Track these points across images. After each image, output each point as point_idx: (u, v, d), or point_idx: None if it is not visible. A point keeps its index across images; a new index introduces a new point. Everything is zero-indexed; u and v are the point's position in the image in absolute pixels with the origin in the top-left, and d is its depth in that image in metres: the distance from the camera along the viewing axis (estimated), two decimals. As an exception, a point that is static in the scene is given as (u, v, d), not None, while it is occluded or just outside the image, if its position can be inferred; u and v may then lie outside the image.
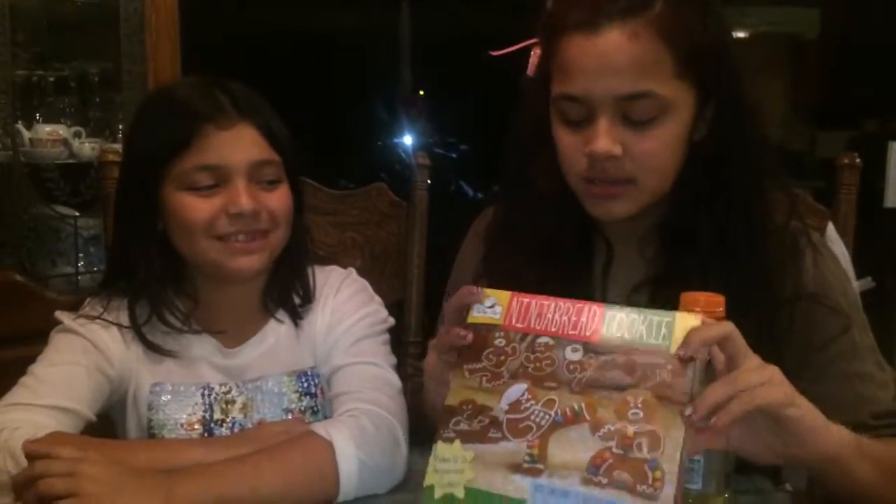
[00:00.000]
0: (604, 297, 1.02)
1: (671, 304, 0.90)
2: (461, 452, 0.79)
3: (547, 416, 0.77)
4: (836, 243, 1.08)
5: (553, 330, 0.80)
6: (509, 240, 1.05)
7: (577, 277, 1.01)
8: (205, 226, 0.98)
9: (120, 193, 1.06)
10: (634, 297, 0.99)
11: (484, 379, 0.80)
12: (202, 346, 1.06)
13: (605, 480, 0.74)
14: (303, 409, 1.06)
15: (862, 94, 3.04)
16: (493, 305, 0.82)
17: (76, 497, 0.79)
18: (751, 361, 0.77)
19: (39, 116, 2.06)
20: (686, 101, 0.91)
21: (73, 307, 1.06)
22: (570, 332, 0.79)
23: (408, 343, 1.34)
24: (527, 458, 0.77)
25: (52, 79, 2.07)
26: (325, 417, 1.04)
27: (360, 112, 3.37)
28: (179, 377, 1.05)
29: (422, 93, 3.55)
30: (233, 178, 0.98)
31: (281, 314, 1.09)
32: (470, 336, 0.81)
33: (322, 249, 1.34)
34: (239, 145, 0.99)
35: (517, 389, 0.78)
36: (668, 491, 0.72)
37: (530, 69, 1.02)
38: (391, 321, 1.13)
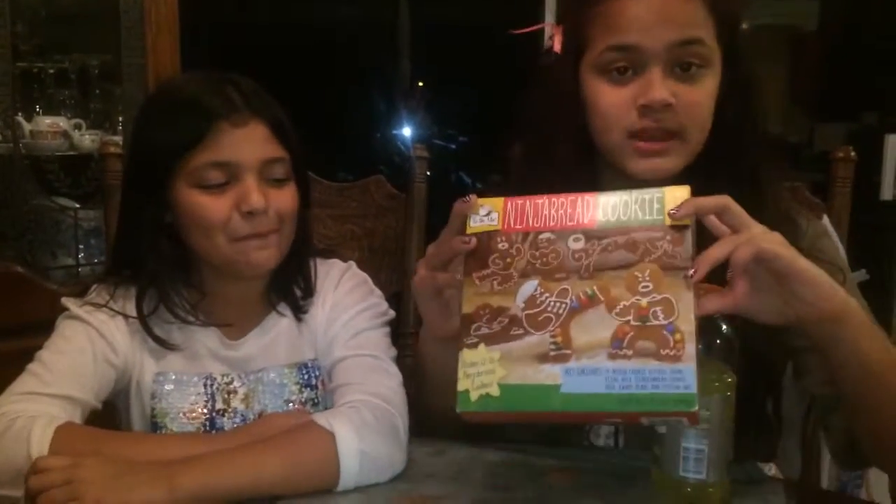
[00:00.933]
0: None
1: None
2: (487, 354, 0.81)
3: (563, 305, 0.80)
4: (830, 235, 1.09)
5: (552, 224, 0.83)
6: None
7: None
8: (220, 225, 0.99)
9: (127, 187, 1.06)
10: None
11: (495, 283, 0.82)
12: (206, 338, 1.07)
13: (630, 352, 0.77)
14: (303, 400, 1.07)
15: (861, 87, 3.05)
16: (489, 213, 0.85)
17: (77, 501, 0.80)
18: (754, 227, 0.79)
19: (40, 108, 2.06)
20: (718, 63, 0.96)
21: (77, 296, 1.06)
22: (569, 224, 0.82)
23: (406, 334, 1.35)
24: (552, 346, 0.79)
25: (52, 71, 2.07)
26: (326, 409, 1.05)
27: (359, 104, 3.37)
28: (182, 367, 1.06)
29: (421, 84, 3.55)
30: (244, 175, 0.99)
31: (283, 307, 1.10)
32: (473, 241, 0.84)
33: (321, 242, 1.35)
34: (251, 143, 0.99)
35: (530, 286, 0.81)
36: (690, 349, 0.75)
37: (556, 46, 1.04)
38: (391, 314, 1.14)
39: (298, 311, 1.09)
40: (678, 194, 0.81)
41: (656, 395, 0.75)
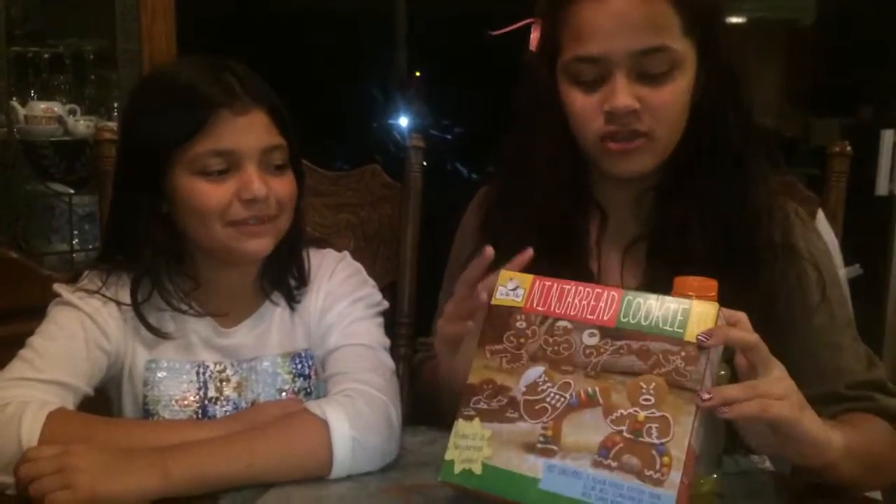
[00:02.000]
0: (598, 261, 1.06)
1: (664, 258, 0.98)
2: (480, 430, 0.82)
3: (562, 399, 0.79)
4: (825, 231, 1.10)
5: (572, 314, 0.82)
6: (506, 209, 1.07)
7: (573, 243, 1.05)
8: (219, 212, 0.98)
9: (121, 175, 1.05)
10: (630, 256, 1.04)
11: (504, 360, 0.83)
12: (199, 326, 1.06)
13: (614, 464, 0.76)
14: (296, 390, 1.07)
15: (857, 82, 3.05)
16: (516, 288, 0.85)
17: (70, 489, 0.80)
18: (773, 371, 0.78)
19: (34, 93, 2.05)
20: (691, 59, 0.96)
21: (70, 282, 1.06)
22: (588, 317, 0.81)
23: (401, 324, 1.35)
24: (541, 438, 0.79)
25: (47, 56, 2.06)
26: (319, 399, 1.04)
27: (355, 93, 3.36)
28: (175, 354, 1.06)
29: (418, 74, 3.54)
30: (244, 163, 0.99)
31: (276, 296, 1.10)
32: (484, 295, 0.84)
33: (316, 230, 1.35)
34: (252, 131, 0.99)
35: (535, 372, 0.81)
36: (675, 477, 0.73)
37: (532, 44, 1.05)
38: (385, 304, 1.14)
39: (292, 301, 1.09)
40: (705, 311, 0.77)
41: None
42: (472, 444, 0.82)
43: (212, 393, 1.05)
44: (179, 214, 1.01)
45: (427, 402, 1.13)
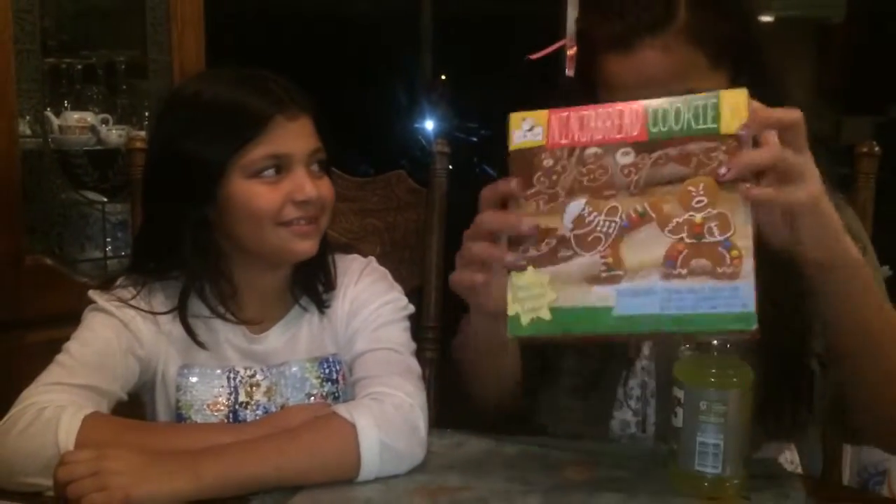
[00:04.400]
0: None
1: None
2: (536, 277, 0.80)
3: (613, 224, 0.77)
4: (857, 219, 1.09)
5: (599, 138, 0.78)
6: None
7: None
8: (273, 213, 1.01)
9: (163, 188, 1.05)
10: None
11: (541, 202, 0.80)
12: (230, 332, 1.08)
13: (684, 271, 0.75)
14: (325, 394, 1.09)
15: (888, 80, 3.00)
16: (533, 127, 0.81)
17: (106, 491, 0.82)
18: (806, 153, 0.77)
19: (68, 104, 2.08)
20: (722, 82, 0.94)
21: (103, 289, 1.07)
22: (617, 136, 0.78)
23: (427, 328, 1.35)
24: (603, 267, 0.77)
25: (79, 67, 2.09)
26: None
27: (381, 98, 3.38)
28: (206, 360, 1.07)
29: (444, 77, 3.55)
30: (295, 166, 1.02)
31: (305, 301, 1.11)
32: (514, 182, 0.81)
33: (342, 236, 1.36)
34: (302, 135, 1.03)
35: (577, 205, 0.79)
36: (747, 266, 0.73)
37: (569, 70, 1.06)
38: (411, 308, 1.15)
39: (321, 305, 1.11)
40: (734, 100, 0.75)
41: (713, 314, 0.73)
42: (532, 293, 0.80)
43: (242, 398, 1.07)
44: (230, 219, 1.03)
45: (460, 383, 1.13)
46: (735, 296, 0.73)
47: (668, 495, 0.87)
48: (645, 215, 0.76)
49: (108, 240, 2.10)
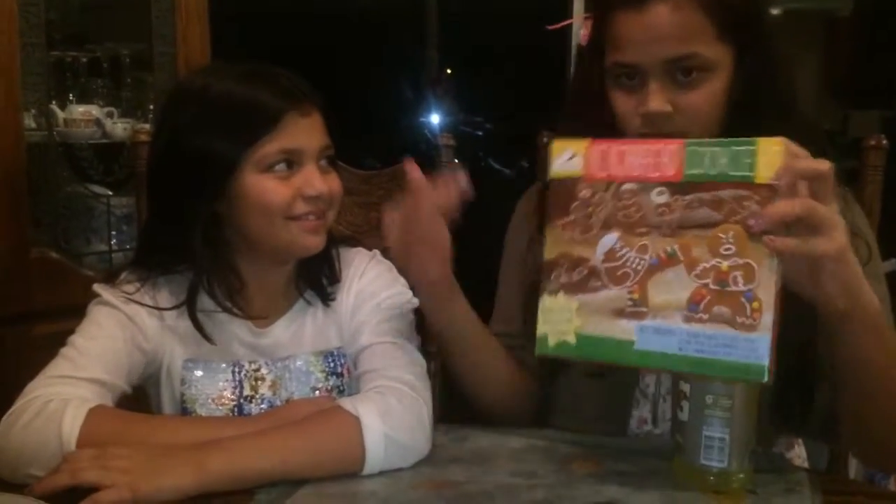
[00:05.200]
0: None
1: None
2: (566, 303, 0.83)
3: (642, 262, 0.79)
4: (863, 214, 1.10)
5: (636, 174, 0.81)
6: None
7: None
8: (283, 207, 1.01)
9: (173, 182, 1.04)
10: None
11: (577, 231, 0.82)
12: (235, 325, 1.08)
13: (705, 316, 0.76)
14: (329, 388, 1.09)
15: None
16: (572, 157, 0.84)
17: (114, 489, 0.82)
18: (832, 205, 0.78)
19: (73, 97, 2.08)
20: (726, 61, 0.98)
21: (109, 282, 1.08)
22: (653, 175, 0.80)
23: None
24: (629, 302, 0.80)
25: (84, 60, 2.09)
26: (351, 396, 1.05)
27: (386, 91, 3.37)
28: (211, 354, 1.07)
29: (449, 71, 3.54)
30: (306, 161, 1.02)
31: (310, 295, 1.11)
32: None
33: (347, 229, 1.36)
34: (314, 131, 1.03)
35: (610, 238, 0.81)
36: (767, 319, 0.74)
37: (583, 39, 1.10)
38: (415, 302, 1.13)
39: (326, 299, 1.11)
40: (771, 150, 0.75)
41: (728, 362, 0.75)
42: (561, 317, 0.83)
43: (247, 391, 1.07)
44: (241, 213, 1.03)
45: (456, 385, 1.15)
46: (751, 348, 0.74)
47: (674, 489, 0.86)
48: (674, 256, 0.78)
49: (113, 233, 2.10)
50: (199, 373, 1.06)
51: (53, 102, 2.02)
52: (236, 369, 1.07)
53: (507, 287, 1.19)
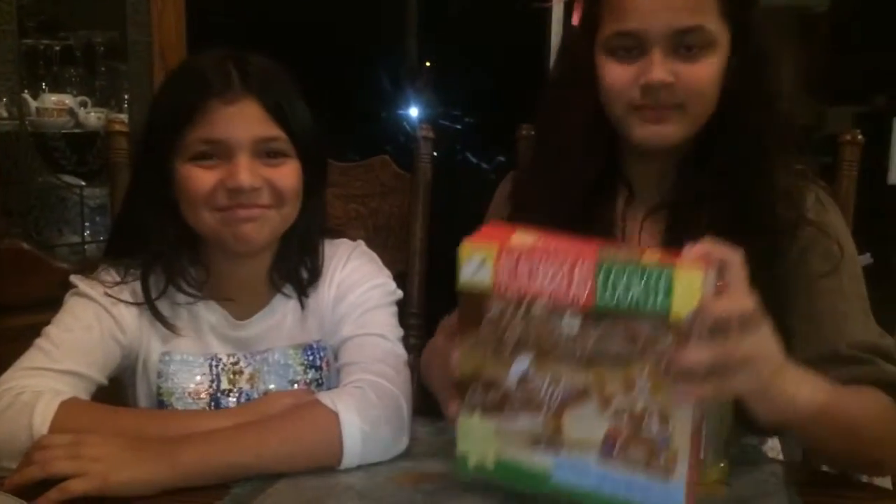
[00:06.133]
0: (623, 232, 1.08)
1: (681, 229, 0.99)
2: (483, 425, 0.80)
3: (556, 393, 0.75)
4: (837, 210, 1.09)
5: (547, 294, 0.74)
6: (537, 178, 1.10)
7: (600, 212, 1.07)
8: (205, 197, 0.99)
9: (135, 163, 1.07)
10: (649, 223, 1.06)
11: (489, 349, 0.78)
12: (213, 318, 1.07)
13: (620, 458, 0.74)
14: (308, 381, 1.08)
15: (871, 69, 3.02)
16: (482, 264, 0.76)
17: (85, 478, 0.81)
18: (757, 335, 0.73)
19: (45, 86, 2.05)
20: (724, 41, 0.99)
21: (85, 274, 1.06)
22: (564, 297, 0.73)
23: (410, 315, 1.35)
24: (545, 432, 0.77)
25: (57, 48, 2.06)
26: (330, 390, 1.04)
27: (365, 84, 3.35)
28: (188, 347, 1.06)
29: (428, 64, 3.53)
30: (234, 152, 0.98)
31: (288, 289, 1.09)
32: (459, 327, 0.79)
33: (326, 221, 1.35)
34: (242, 121, 0.98)
35: (523, 363, 0.76)
36: (681, 468, 0.71)
37: (574, 20, 1.09)
38: (399, 293, 1.13)
39: (303, 294, 1.09)
40: (690, 281, 0.68)
41: None
42: (480, 438, 0.80)
43: (224, 385, 1.06)
44: (179, 202, 1.02)
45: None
46: (666, 494, 0.72)
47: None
48: (587, 391, 0.74)
49: (87, 224, 2.07)
50: (175, 366, 1.05)
51: (25, 91, 1.99)
52: (213, 363, 1.06)
53: None
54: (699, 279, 0.68)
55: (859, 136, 1.26)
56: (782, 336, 0.77)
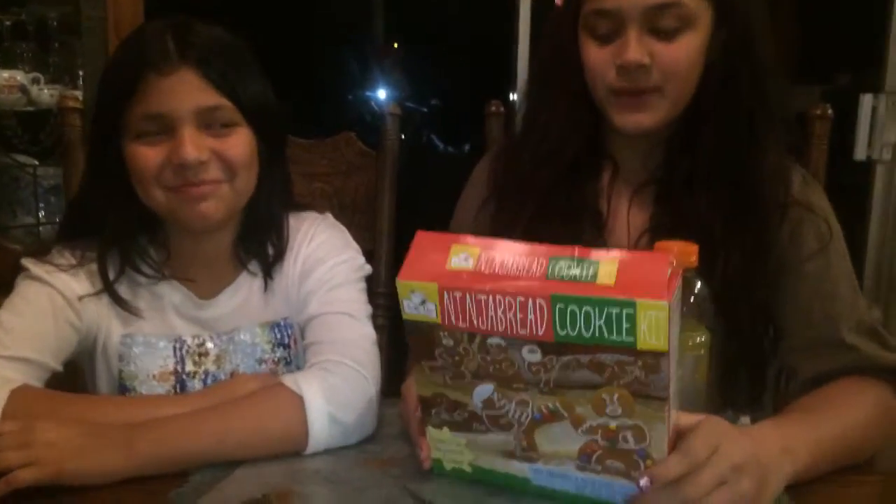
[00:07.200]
0: (609, 203, 1.07)
1: (669, 207, 1.00)
2: (453, 438, 0.78)
3: (525, 414, 0.74)
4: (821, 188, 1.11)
5: (501, 329, 0.69)
6: (521, 152, 1.09)
7: (584, 182, 1.07)
8: (153, 176, 0.95)
9: (89, 142, 1.03)
10: (637, 199, 1.05)
11: (447, 376, 0.74)
12: (173, 296, 1.04)
13: (598, 468, 0.73)
14: (276, 359, 1.05)
15: (836, 47, 3.04)
16: (423, 302, 0.70)
17: (35, 466, 0.78)
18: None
19: (-4, 62, 1.99)
20: (704, 18, 0.97)
21: (38, 256, 1.02)
22: (521, 332, 0.68)
23: (378, 294, 1.33)
24: (518, 448, 0.76)
25: (8, 23, 1.99)
26: (299, 368, 1.03)
27: (332, 63, 3.31)
28: (151, 328, 1.03)
29: (395, 45, 3.49)
30: (178, 126, 0.94)
31: (254, 266, 1.06)
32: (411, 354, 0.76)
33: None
34: (181, 92, 0.94)
35: (485, 389, 0.74)
36: None
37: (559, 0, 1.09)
38: (368, 269, 1.11)
39: (269, 271, 1.06)
40: (654, 316, 0.64)
41: None
42: (452, 448, 0.79)
43: (189, 367, 1.03)
44: (133, 180, 0.98)
45: None
46: None
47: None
48: (557, 412, 0.72)
49: (41, 205, 2.01)
50: (138, 349, 1.02)
51: (-25, 69, 1.92)
52: (177, 345, 1.04)
53: None
54: (665, 315, 0.64)
55: (829, 111, 1.25)
56: (772, 324, 0.76)
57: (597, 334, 0.66)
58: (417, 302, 0.71)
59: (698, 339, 0.83)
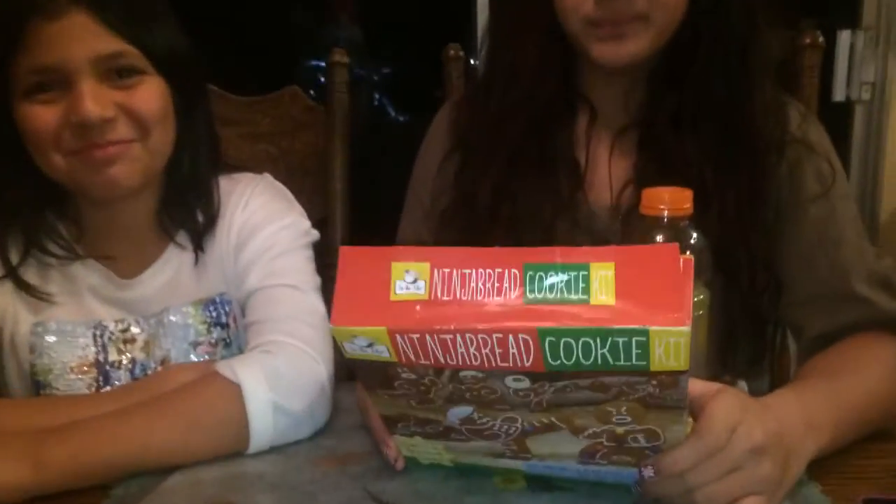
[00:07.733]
0: (587, 151, 1.00)
1: (655, 150, 0.95)
2: (429, 443, 0.70)
3: (514, 428, 0.64)
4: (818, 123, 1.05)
5: (476, 364, 0.58)
6: (487, 100, 1.01)
7: (559, 130, 1.00)
8: (51, 139, 0.85)
9: None
10: (619, 146, 0.99)
11: (413, 401, 0.64)
12: (90, 277, 0.95)
13: (604, 462, 0.65)
14: (213, 341, 0.97)
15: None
16: (371, 344, 0.58)
17: None
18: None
19: None
20: None
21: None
22: (501, 365, 0.57)
23: (332, 266, 1.21)
24: (507, 451, 0.68)
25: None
26: (241, 350, 0.95)
27: (281, 19, 3.22)
28: (66, 315, 0.94)
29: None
30: (74, 79, 0.84)
31: (182, 237, 0.97)
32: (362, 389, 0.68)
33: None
34: (74, 38, 0.83)
35: (462, 410, 0.63)
36: None
37: None
38: (315, 234, 1.02)
39: (199, 241, 0.97)
40: (671, 341, 0.54)
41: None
42: (428, 450, 0.71)
43: (113, 356, 0.95)
44: (28, 147, 0.88)
45: None
46: None
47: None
48: (552, 425, 0.63)
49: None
50: (51, 338, 0.94)
51: None
52: (98, 331, 0.95)
53: (410, 218, 1.10)
54: (685, 339, 0.53)
55: (820, 39, 1.18)
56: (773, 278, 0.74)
57: (599, 362, 0.56)
58: (363, 344, 0.59)
59: (696, 297, 0.74)
